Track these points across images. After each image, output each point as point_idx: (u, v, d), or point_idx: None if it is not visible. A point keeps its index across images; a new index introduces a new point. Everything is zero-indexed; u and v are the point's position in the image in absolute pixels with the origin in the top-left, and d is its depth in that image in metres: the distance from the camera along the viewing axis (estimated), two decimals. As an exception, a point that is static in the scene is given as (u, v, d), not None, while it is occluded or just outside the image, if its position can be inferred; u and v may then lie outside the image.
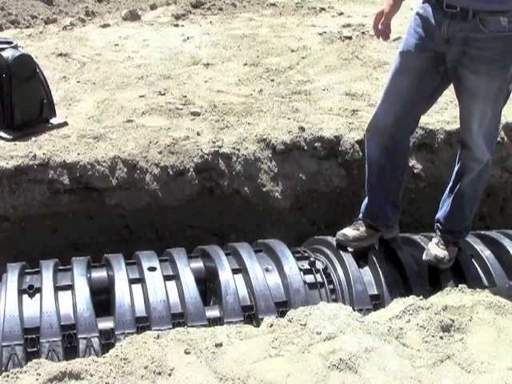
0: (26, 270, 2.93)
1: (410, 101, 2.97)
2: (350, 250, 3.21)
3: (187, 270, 2.91)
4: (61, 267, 2.96)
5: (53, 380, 2.16)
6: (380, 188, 3.20)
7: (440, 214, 3.20)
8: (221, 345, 2.37)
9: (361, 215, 3.29)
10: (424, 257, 3.10)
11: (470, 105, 2.90)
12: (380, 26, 2.90)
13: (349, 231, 3.24)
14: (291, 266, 3.01)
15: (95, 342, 2.61)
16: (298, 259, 3.10)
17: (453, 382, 2.30)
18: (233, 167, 3.83)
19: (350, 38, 5.91)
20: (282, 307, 2.83)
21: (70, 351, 2.58)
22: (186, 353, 2.33)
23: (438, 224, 3.20)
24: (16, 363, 2.49)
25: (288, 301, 2.88)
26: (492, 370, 2.36)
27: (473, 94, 2.85)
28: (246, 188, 3.85)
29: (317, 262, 3.14)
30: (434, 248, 3.10)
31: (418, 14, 2.89)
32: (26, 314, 2.66)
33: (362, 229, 3.24)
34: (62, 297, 2.75)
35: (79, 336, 2.61)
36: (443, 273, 3.10)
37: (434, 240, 3.16)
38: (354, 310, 2.67)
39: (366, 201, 3.29)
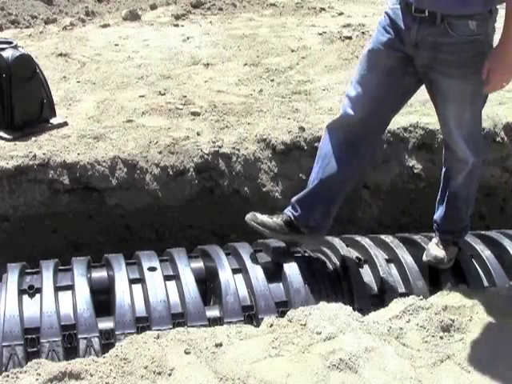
0: (26, 270, 2.92)
1: (378, 98, 2.89)
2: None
3: (187, 270, 2.91)
4: (61, 267, 2.95)
5: (53, 380, 2.16)
6: (321, 182, 3.00)
7: (436, 216, 3.18)
8: (221, 345, 2.37)
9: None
10: (424, 257, 3.10)
11: (444, 108, 2.87)
12: None
13: (262, 215, 3.07)
14: (291, 265, 3.01)
15: (95, 342, 2.60)
16: (297, 259, 3.10)
17: (453, 382, 2.30)
18: (233, 167, 3.83)
19: (350, 38, 5.91)
20: (282, 307, 2.83)
21: (70, 351, 2.57)
22: (186, 353, 2.33)
23: (436, 225, 3.19)
24: (16, 363, 2.48)
25: (288, 301, 2.88)
26: (492, 369, 2.36)
27: (447, 98, 2.81)
28: (246, 188, 3.85)
29: (317, 261, 3.14)
30: (434, 248, 3.10)
31: (387, 14, 2.84)
32: (26, 314, 2.66)
33: (277, 220, 3.06)
34: (62, 297, 2.75)
35: (79, 336, 2.60)
36: (443, 273, 3.10)
37: (434, 240, 3.15)
38: (354, 310, 2.67)
39: (300, 193, 3.10)
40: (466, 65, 2.70)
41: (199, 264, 3.08)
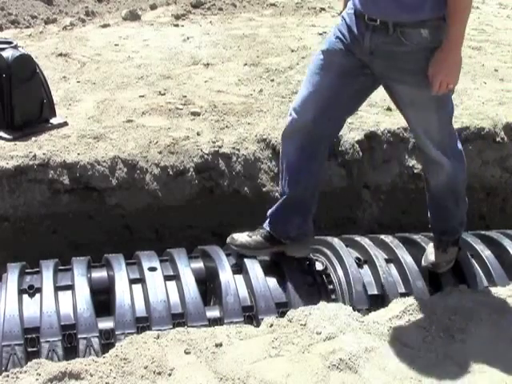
0: (26, 270, 2.92)
1: (330, 99, 2.83)
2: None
3: (187, 270, 2.91)
4: (61, 267, 2.96)
5: (53, 380, 2.16)
6: (291, 196, 2.99)
7: (430, 218, 3.15)
8: (221, 345, 2.38)
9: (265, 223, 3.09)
10: (423, 263, 3.07)
11: (407, 114, 2.85)
12: None
13: (240, 235, 3.05)
14: (291, 266, 3.01)
15: (95, 342, 2.60)
16: (297, 260, 3.10)
17: (453, 382, 2.30)
18: (233, 167, 3.83)
19: (349, 38, 5.90)
20: (282, 308, 2.83)
21: (70, 351, 2.57)
22: (186, 353, 2.33)
23: (431, 227, 3.17)
24: (16, 363, 2.48)
25: (288, 301, 2.87)
26: (492, 369, 2.36)
27: (407, 105, 2.79)
28: (245, 188, 3.85)
29: (316, 262, 3.14)
30: (432, 252, 3.06)
31: (343, 18, 2.80)
32: (26, 314, 2.66)
33: (255, 237, 3.04)
34: (62, 297, 2.75)
35: (79, 336, 2.60)
36: (443, 273, 3.09)
37: (433, 243, 3.12)
38: (354, 310, 2.67)
39: (274, 206, 3.08)
40: (421, 72, 2.65)
41: (199, 264, 3.08)
